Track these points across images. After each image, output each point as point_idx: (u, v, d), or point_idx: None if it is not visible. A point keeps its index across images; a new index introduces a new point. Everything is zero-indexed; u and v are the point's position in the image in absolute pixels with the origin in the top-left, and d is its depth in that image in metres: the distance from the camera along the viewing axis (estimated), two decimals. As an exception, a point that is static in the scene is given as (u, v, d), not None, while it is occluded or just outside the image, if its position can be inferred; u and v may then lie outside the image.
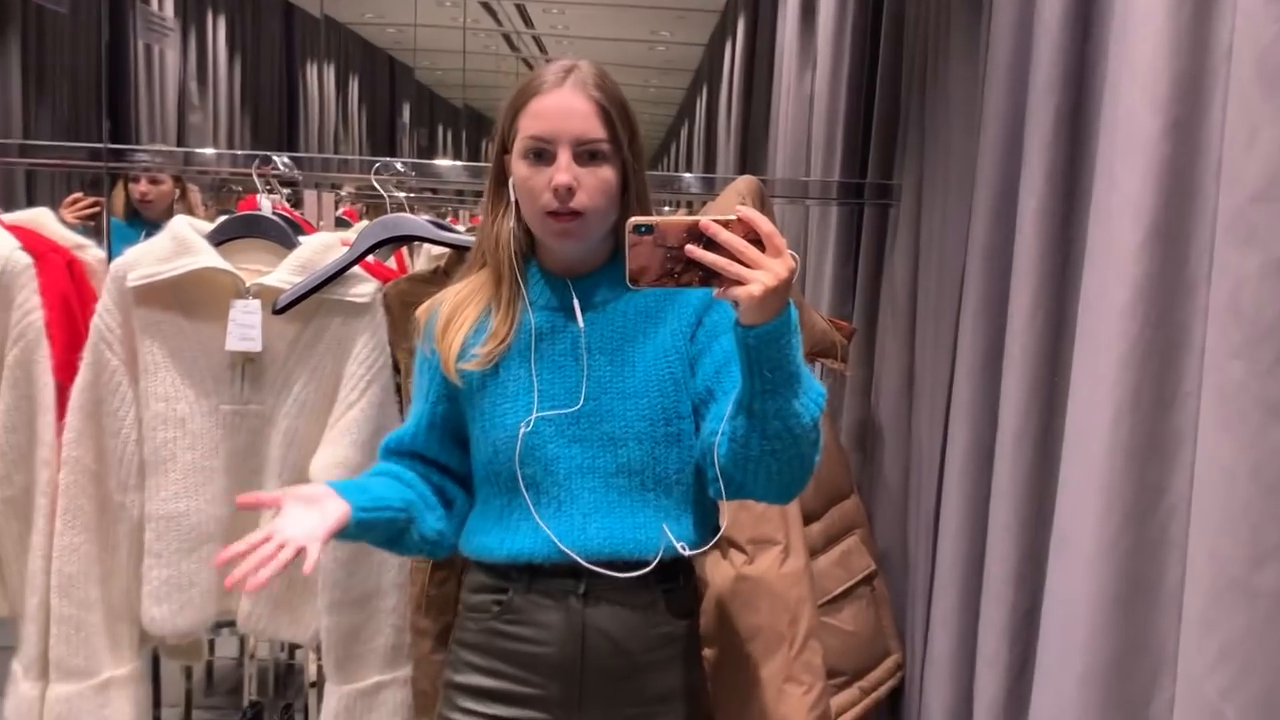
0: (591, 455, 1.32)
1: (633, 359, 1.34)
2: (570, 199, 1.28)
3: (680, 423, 1.33)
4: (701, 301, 1.35)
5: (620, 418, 1.32)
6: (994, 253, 1.53)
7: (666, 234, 1.10)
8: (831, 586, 1.87)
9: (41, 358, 1.82)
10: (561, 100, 1.29)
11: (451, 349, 1.36)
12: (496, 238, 1.36)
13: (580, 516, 1.32)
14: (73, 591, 1.80)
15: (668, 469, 1.33)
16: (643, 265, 1.11)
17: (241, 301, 1.80)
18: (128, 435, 1.82)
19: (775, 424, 1.16)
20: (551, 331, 1.35)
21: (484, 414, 1.36)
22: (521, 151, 1.31)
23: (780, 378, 1.13)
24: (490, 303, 1.38)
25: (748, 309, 1.09)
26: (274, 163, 1.91)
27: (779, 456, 1.19)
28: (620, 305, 1.36)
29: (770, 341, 1.10)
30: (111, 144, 1.95)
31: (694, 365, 1.34)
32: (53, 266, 1.88)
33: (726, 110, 5.91)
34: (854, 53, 2.47)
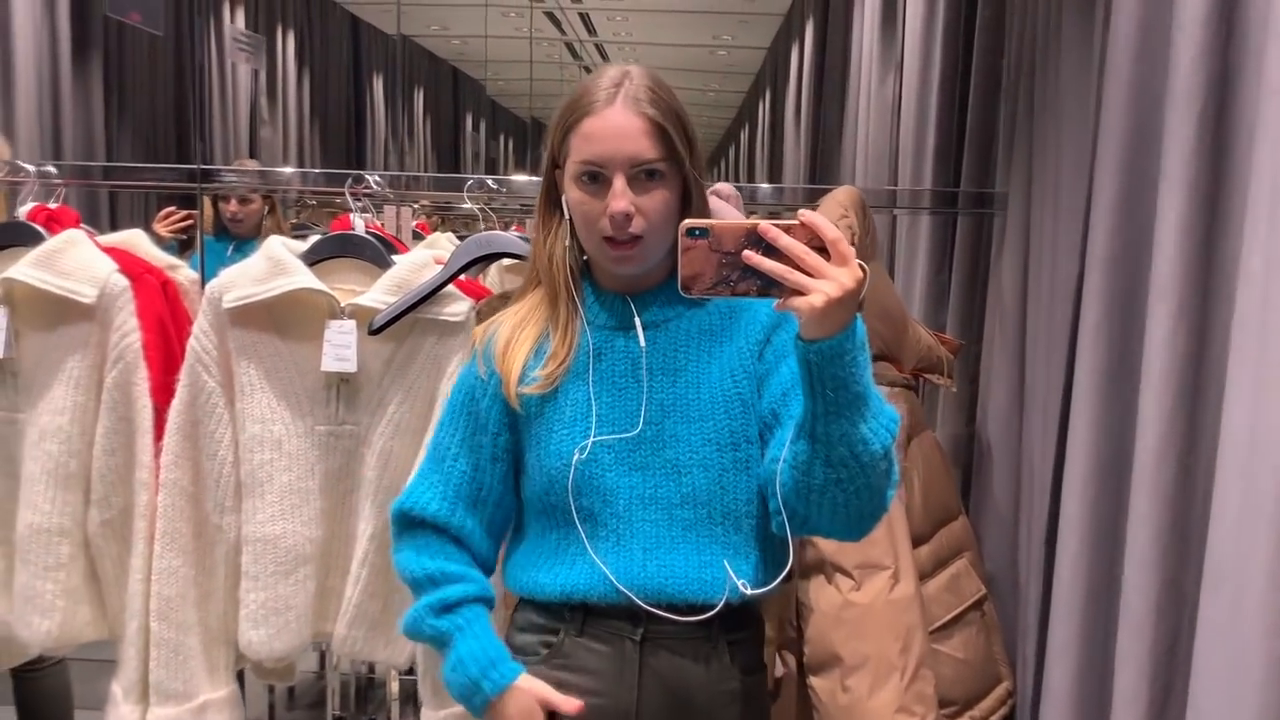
0: (654, 484, 1.23)
1: (697, 379, 1.26)
2: (628, 225, 1.21)
3: (749, 448, 1.24)
4: (771, 318, 1.27)
5: (685, 442, 1.23)
6: (1116, 264, 1.46)
7: (723, 238, 1.02)
8: (941, 612, 1.80)
9: (140, 380, 1.82)
10: (613, 121, 1.21)
11: (513, 372, 1.28)
12: (550, 256, 1.29)
13: (640, 552, 1.22)
14: (171, 615, 1.80)
15: (736, 499, 1.23)
16: (696, 271, 1.04)
17: (336, 322, 1.78)
18: (224, 457, 1.81)
19: (840, 450, 1.07)
20: (611, 351, 1.27)
21: (540, 440, 1.27)
22: (574, 174, 1.24)
23: (845, 398, 1.04)
24: (548, 323, 1.30)
25: (809, 321, 1.01)
26: (366, 181, 1.89)
27: (845, 487, 1.09)
28: (683, 322, 1.28)
29: (834, 358, 1.02)
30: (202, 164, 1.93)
31: (761, 386, 1.25)
32: (148, 288, 1.88)
33: (795, 114, 5.84)
34: (946, 56, 2.41)
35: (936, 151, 2.40)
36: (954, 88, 2.37)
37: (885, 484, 1.12)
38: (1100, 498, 1.49)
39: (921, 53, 2.63)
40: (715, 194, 1.84)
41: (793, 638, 1.82)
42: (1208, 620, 1.16)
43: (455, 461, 1.32)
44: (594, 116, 1.22)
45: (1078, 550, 1.49)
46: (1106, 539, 1.49)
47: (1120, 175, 1.44)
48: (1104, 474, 1.48)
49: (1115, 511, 1.48)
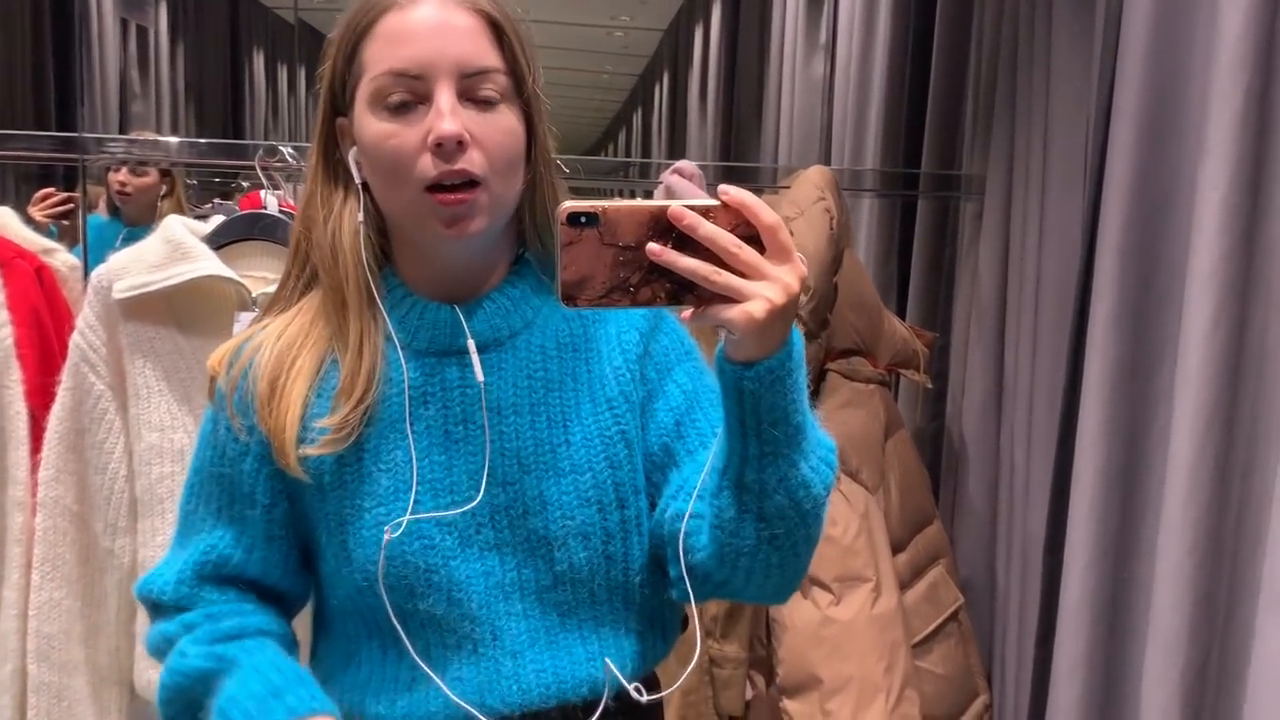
0: (516, 566, 0.92)
1: (562, 415, 0.93)
2: (460, 157, 0.85)
3: (639, 501, 0.94)
4: (646, 320, 0.98)
5: (555, 505, 0.91)
6: (1131, 252, 1.35)
7: (619, 226, 0.74)
8: (921, 625, 1.68)
9: (11, 382, 1.58)
10: (432, 13, 0.87)
11: (288, 426, 0.90)
12: (335, 243, 0.91)
13: (509, 659, 0.91)
14: (52, 655, 1.56)
15: (627, 570, 0.94)
16: (583, 274, 0.75)
17: (247, 314, 1.56)
18: (116, 470, 1.56)
19: (778, 500, 0.81)
20: (438, 386, 0.92)
21: (345, 524, 0.91)
22: (374, 98, 0.87)
23: (785, 434, 0.79)
24: (331, 345, 0.92)
25: (745, 337, 0.75)
26: (280, 153, 1.66)
27: (780, 544, 0.83)
28: (534, 336, 0.94)
29: (774, 383, 0.77)
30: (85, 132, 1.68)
31: (645, 415, 0.96)
32: (20, 275, 1.63)
33: (700, 97, 5.73)
34: (895, 32, 2.29)
35: (883, 132, 2.29)
36: (903, 65, 2.26)
37: (819, 531, 0.87)
38: (1111, 506, 1.38)
39: (862, 31, 2.52)
40: (677, 172, 1.67)
41: (763, 656, 1.68)
42: (1268, 647, 1.05)
43: (208, 535, 0.95)
44: (401, 11, 0.88)
45: (1087, 563, 1.38)
46: (1116, 550, 1.39)
47: (1137, 157, 1.33)
48: (1115, 481, 1.38)
49: (1127, 521, 1.37)
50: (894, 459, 1.70)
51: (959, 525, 1.88)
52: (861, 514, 1.61)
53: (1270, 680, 1.05)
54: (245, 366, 0.93)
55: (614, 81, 10.45)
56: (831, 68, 2.88)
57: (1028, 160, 1.66)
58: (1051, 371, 1.56)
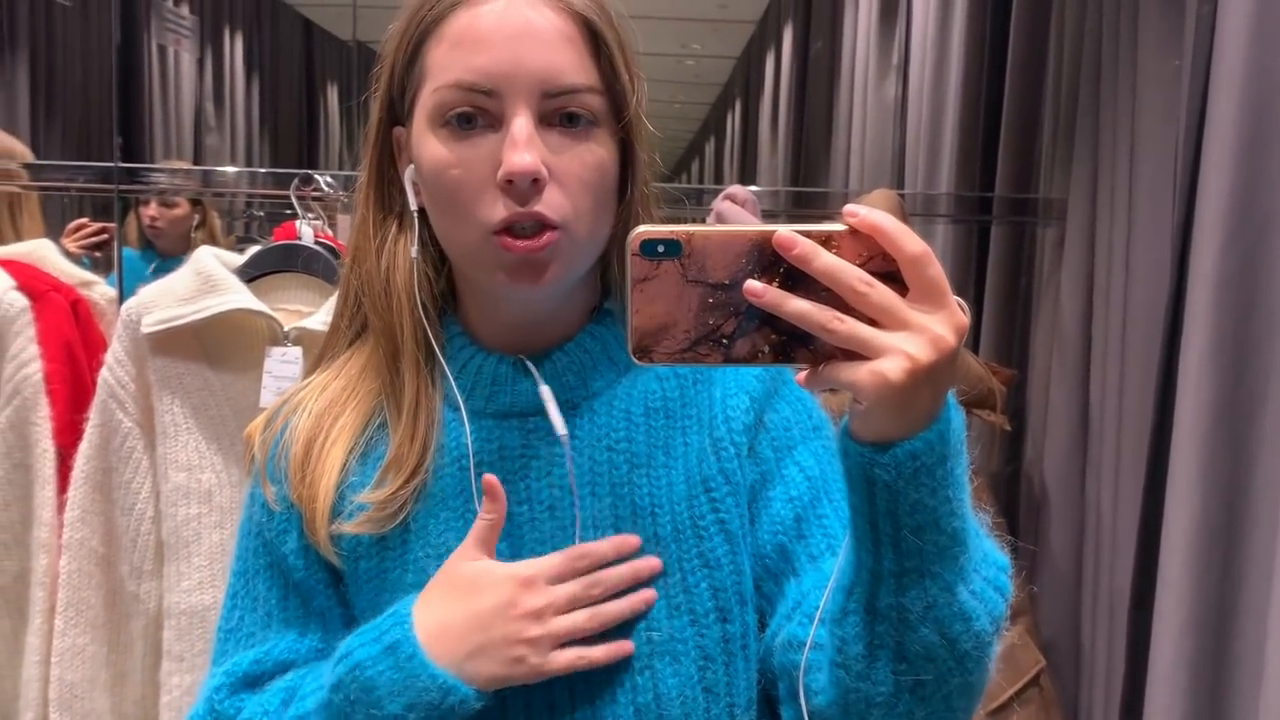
0: (591, 694, 0.72)
1: (650, 502, 0.75)
2: (536, 196, 0.69)
3: (744, 614, 0.75)
4: (760, 383, 0.79)
5: (638, 616, 0.73)
6: (1229, 282, 1.22)
7: (707, 259, 0.57)
8: (997, 691, 1.54)
9: (40, 419, 1.53)
10: (511, 12, 0.71)
11: (321, 493, 0.75)
12: (388, 280, 0.76)
13: None
14: (76, 703, 1.51)
15: (733, 707, 0.74)
16: (661, 321, 0.58)
17: (279, 349, 1.50)
18: (142, 511, 1.51)
19: (924, 634, 0.61)
20: (502, 458, 0.76)
21: None
22: (435, 114, 0.72)
23: (934, 543, 0.59)
24: (380, 402, 0.78)
25: (877, 408, 0.57)
26: (315, 182, 1.61)
27: (928, 695, 0.63)
28: (617, 401, 0.77)
29: (918, 474, 0.57)
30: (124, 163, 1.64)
31: (754, 504, 0.77)
32: (54, 308, 1.59)
33: (771, 123, 5.64)
34: (968, 56, 2.18)
35: (958, 155, 2.17)
36: (978, 88, 2.14)
37: (985, 682, 0.66)
38: (1208, 559, 1.24)
39: (935, 53, 2.42)
40: (730, 199, 1.57)
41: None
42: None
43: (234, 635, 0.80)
44: (474, 6, 0.71)
45: (1183, 624, 1.24)
46: (1216, 609, 1.24)
47: (1234, 180, 1.20)
48: (1213, 530, 1.24)
49: (1227, 579, 1.23)
50: (967, 507, 1.57)
51: (1041, 581, 1.74)
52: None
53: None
54: (280, 429, 0.80)
55: (686, 111, 10.42)
56: (904, 89, 2.79)
57: (1112, 182, 1.53)
58: (1140, 411, 1.42)
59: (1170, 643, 1.27)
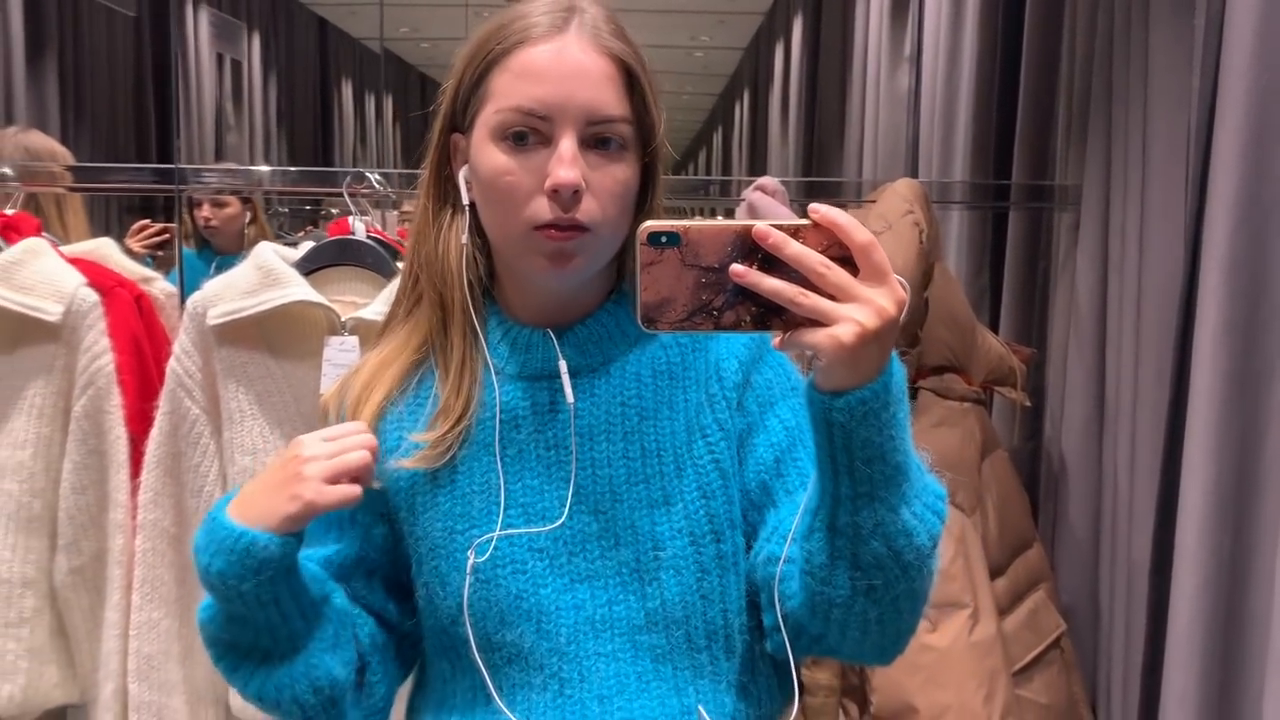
0: (607, 600, 0.88)
1: (656, 445, 0.90)
2: (575, 207, 0.85)
3: (734, 536, 0.90)
4: (748, 349, 0.94)
5: (647, 536, 0.88)
6: (1240, 263, 1.29)
7: (701, 246, 0.72)
8: (1021, 653, 1.62)
9: (113, 407, 1.61)
10: (565, 54, 0.85)
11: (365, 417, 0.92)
12: (443, 259, 0.92)
13: (595, 703, 0.87)
14: (152, 675, 1.60)
15: (725, 612, 0.89)
16: (664, 296, 0.72)
17: (337, 339, 1.58)
18: (210, 494, 1.60)
19: (874, 546, 0.76)
20: (529, 412, 0.90)
21: (434, 546, 0.91)
22: (496, 130, 0.87)
23: (882, 473, 0.74)
24: (429, 361, 0.93)
25: (834, 364, 0.71)
26: (367, 180, 1.69)
27: (879, 597, 0.77)
28: (629, 364, 0.92)
29: (868, 416, 0.72)
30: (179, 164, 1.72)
31: (743, 448, 0.92)
32: (121, 303, 1.67)
33: (781, 114, 5.70)
34: (982, 41, 2.24)
35: (973, 144, 2.24)
36: (990, 74, 2.21)
37: (928, 586, 0.81)
38: (1223, 526, 1.32)
39: (948, 43, 2.47)
40: (760, 189, 1.65)
41: (856, 684, 1.63)
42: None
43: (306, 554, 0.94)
44: (534, 46, 0.86)
45: (1199, 586, 1.32)
46: (1230, 573, 1.32)
47: (1244, 162, 1.27)
48: (1226, 500, 1.31)
49: (1240, 542, 1.31)
50: (991, 480, 1.65)
51: (1060, 549, 1.81)
52: (957, 538, 1.56)
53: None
54: (344, 394, 0.96)
55: (694, 102, 10.48)
56: (917, 79, 2.84)
57: (1125, 167, 1.61)
58: (1155, 387, 1.49)
59: (1187, 605, 1.35)
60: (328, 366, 1.59)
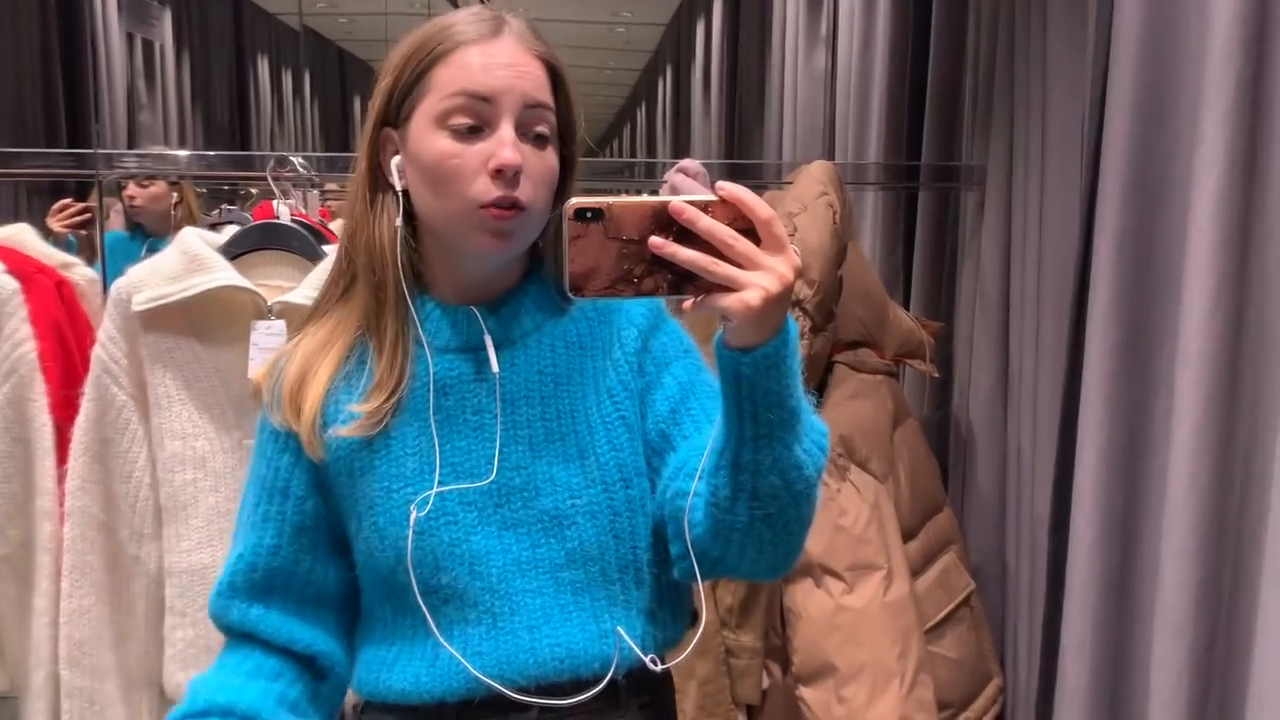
0: (530, 544, 0.98)
1: (570, 407, 1.01)
2: (516, 185, 0.94)
3: (641, 481, 1.01)
4: (646, 319, 1.06)
5: (564, 487, 0.99)
6: (1129, 239, 1.37)
7: (622, 221, 0.79)
8: (933, 611, 1.71)
9: (37, 395, 1.61)
10: (506, 52, 0.96)
11: (308, 414, 0.99)
12: (377, 245, 0.99)
13: (526, 633, 0.97)
14: (84, 660, 1.60)
15: (635, 548, 1.00)
16: (589, 266, 0.80)
17: (264, 323, 1.59)
18: (140, 479, 1.60)
19: (771, 479, 0.87)
20: (457, 381, 1.00)
21: (373, 504, 0.99)
22: (439, 116, 0.95)
23: (779, 417, 0.84)
24: (360, 341, 1.02)
25: (742, 324, 0.80)
26: (291, 163, 1.69)
27: (774, 522, 0.89)
28: (544, 336, 1.03)
29: (770, 368, 0.82)
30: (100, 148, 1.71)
31: (644, 404, 1.03)
32: (41, 290, 1.66)
33: (703, 92, 5.74)
34: (895, 26, 2.31)
35: (887, 125, 2.31)
36: (904, 58, 2.28)
37: (812, 513, 0.93)
38: (1115, 487, 1.40)
39: (862, 23, 2.53)
40: (681, 171, 1.70)
41: (778, 645, 1.71)
42: (1269, 625, 1.07)
43: (237, 545, 1.05)
44: (475, 45, 0.96)
45: (1092, 542, 1.41)
46: (1121, 531, 1.41)
47: (1132, 144, 1.35)
48: (1118, 462, 1.40)
49: (1131, 502, 1.40)
50: (903, 448, 1.72)
51: (969, 512, 1.90)
52: (872, 503, 1.63)
53: (1274, 659, 1.07)
54: (279, 371, 1.04)
55: (617, 77, 10.45)
56: (833, 61, 2.90)
57: (1026, 150, 1.68)
58: (1054, 357, 1.58)
59: (1083, 559, 1.43)
60: (254, 350, 1.60)
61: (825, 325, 1.63)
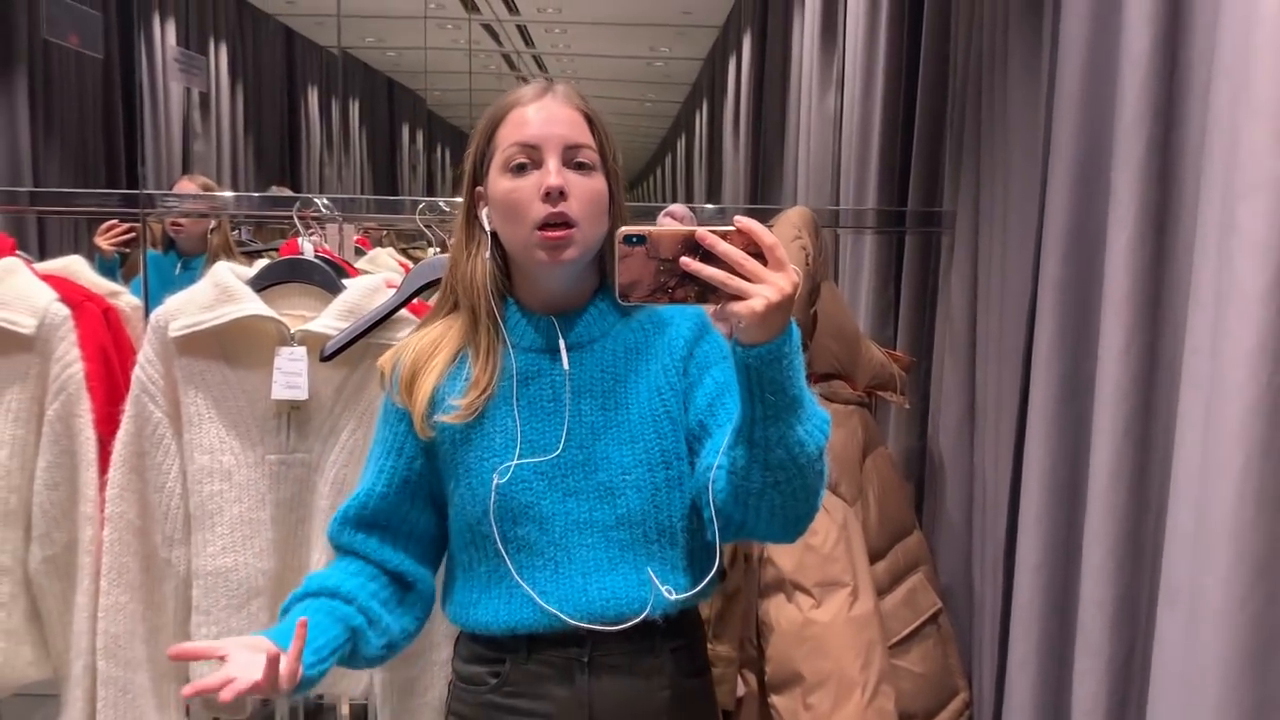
0: (588, 508, 1.25)
1: (625, 399, 1.27)
2: (562, 203, 1.20)
3: (680, 464, 1.26)
4: (692, 332, 1.30)
5: (616, 465, 1.25)
6: (1068, 285, 1.49)
7: (660, 245, 1.04)
8: (899, 627, 1.82)
9: (83, 411, 1.78)
10: (546, 107, 1.24)
11: (420, 402, 1.27)
12: (471, 275, 1.27)
13: (580, 578, 1.24)
14: (119, 652, 1.76)
15: (671, 516, 1.26)
16: (634, 279, 1.05)
17: (287, 349, 1.75)
18: (172, 489, 1.77)
19: (778, 453, 1.09)
20: (537, 375, 1.27)
21: (468, 469, 1.26)
22: (503, 164, 1.24)
23: (783, 401, 1.06)
24: (464, 348, 1.29)
25: (749, 326, 1.03)
26: (315, 205, 1.86)
27: (782, 489, 1.12)
28: (609, 342, 1.29)
29: (772, 361, 1.04)
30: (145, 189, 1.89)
31: (686, 400, 1.28)
32: (90, 316, 1.84)
33: (734, 126, 5.88)
34: (889, 72, 2.43)
35: (880, 170, 2.43)
36: (898, 104, 2.40)
37: (819, 484, 1.15)
38: (1056, 512, 1.51)
39: (864, 68, 2.65)
40: (669, 216, 1.84)
41: (753, 656, 1.83)
42: (1164, 639, 1.18)
43: (359, 485, 1.33)
44: (523, 107, 1.25)
45: (1036, 564, 1.52)
46: (1062, 553, 1.52)
47: (1071, 198, 1.47)
48: (1059, 489, 1.51)
49: (1071, 526, 1.51)
50: (872, 474, 1.84)
51: (940, 536, 2.01)
52: (840, 524, 1.75)
53: (1174, 665, 1.17)
54: (397, 359, 1.31)
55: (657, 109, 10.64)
56: (842, 104, 3.01)
57: (991, 197, 1.80)
58: (1011, 392, 1.69)
59: (1027, 580, 1.54)
60: (278, 374, 1.76)
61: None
